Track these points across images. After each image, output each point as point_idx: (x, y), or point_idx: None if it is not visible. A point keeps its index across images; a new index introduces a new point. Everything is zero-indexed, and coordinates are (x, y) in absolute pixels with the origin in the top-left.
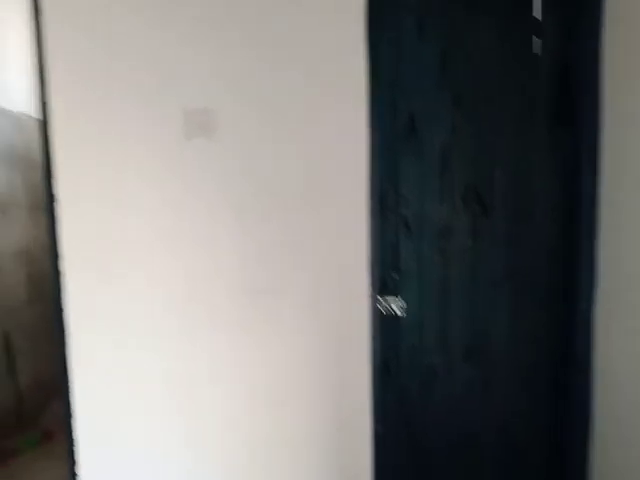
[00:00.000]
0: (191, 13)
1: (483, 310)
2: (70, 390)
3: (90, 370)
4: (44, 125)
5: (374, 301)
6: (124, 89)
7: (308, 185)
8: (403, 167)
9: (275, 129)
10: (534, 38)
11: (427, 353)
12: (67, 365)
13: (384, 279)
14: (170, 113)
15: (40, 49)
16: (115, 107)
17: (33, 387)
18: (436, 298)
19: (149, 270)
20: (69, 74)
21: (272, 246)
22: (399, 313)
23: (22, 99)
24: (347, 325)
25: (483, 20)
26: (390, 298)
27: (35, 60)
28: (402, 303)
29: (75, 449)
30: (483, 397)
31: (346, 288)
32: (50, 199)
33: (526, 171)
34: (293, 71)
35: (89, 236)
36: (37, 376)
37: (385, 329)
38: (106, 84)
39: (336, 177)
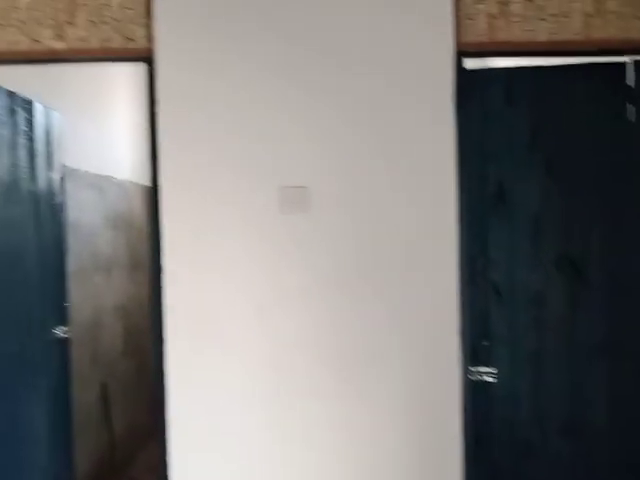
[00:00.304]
0: (295, 96)
1: (581, 382)
2: (166, 447)
3: (186, 433)
4: (154, 193)
5: (465, 370)
6: (229, 162)
7: (400, 254)
8: (493, 233)
9: (369, 204)
10: (627, 105)
11: (521, 426)
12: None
13: (475, 347)
14: (267, 187)
15: (153, 127)
16: (218, 178)
17: (125, 436)
18: (530, 368)
19: (243, 337)
20: (178, 147)
21: (363, 315)
22: (491, 381)
23: (126, 168)
24: (438, 394)
25: (575, 88)
26: (481, 367)
27: (148, 136)
28: (494, 372)
29: None
30: (582, 478)
31: (437, 357)
32: (157, 263)
33: (623, 238)
34: (387, 143)
35: (187, 302)
36: (129, 425)
37: (477, 399)
38: (212, 157)
39: (427, 245)
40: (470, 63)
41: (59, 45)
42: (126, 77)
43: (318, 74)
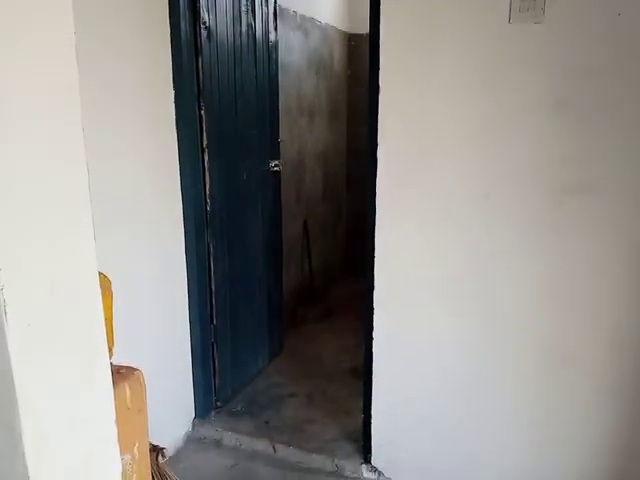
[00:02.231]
0: None
1: None
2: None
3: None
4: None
5: None
6: None
7: None
8: None
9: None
10: None
11: None
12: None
13: None
14: None
15: None
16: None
17: (320, 271)
18: None
19: (454, 166)
20: None
21: (588, 141)
22: None
23: (328, 11)
24: None
25: None
26: None
27: None
28: None
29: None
30: None
31: None
32: (374, 109)
33: None
34: None
35: (401, 128)
36: (324, 262)
37: None
38: None
39: None
40: None
41: None
42: None
43: None
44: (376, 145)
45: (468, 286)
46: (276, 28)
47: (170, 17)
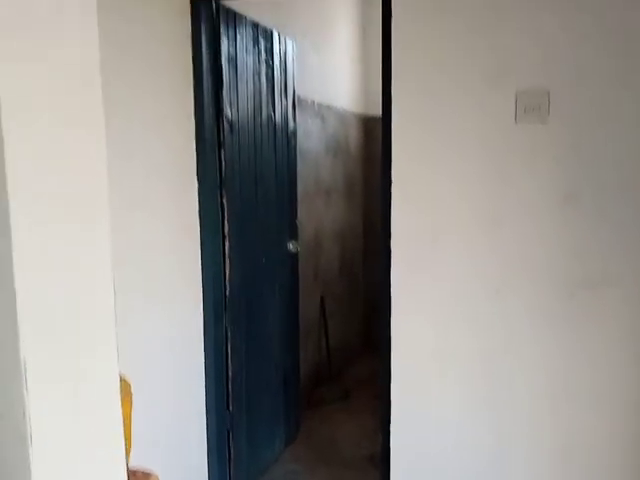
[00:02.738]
0: None
1: None
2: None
3: (407, 342)
4: (386, 122)
5: None
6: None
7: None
8: None
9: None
10: None
11: None
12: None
13: None
14: (504, 95)
15: (388, 63)
16: (449, 97)
17: (337, 348)
18: None
19: (469, 252)
20: (410, 75)
21: (599, 234)
22: None
23: (344, 97)
24: None
25: None
26: None
27: (383, 71)
28: None
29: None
30: None
31: None
32: (387, 184)
33: None
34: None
35: (415, 215)
36: (341, 339)
37: None
38: (443, 73)
39: None
40: None
41: None
42: (346, 12)
43: None
44: (389, 234)
45: (480, 380)
46: (295, 118)
47: (195, 114)
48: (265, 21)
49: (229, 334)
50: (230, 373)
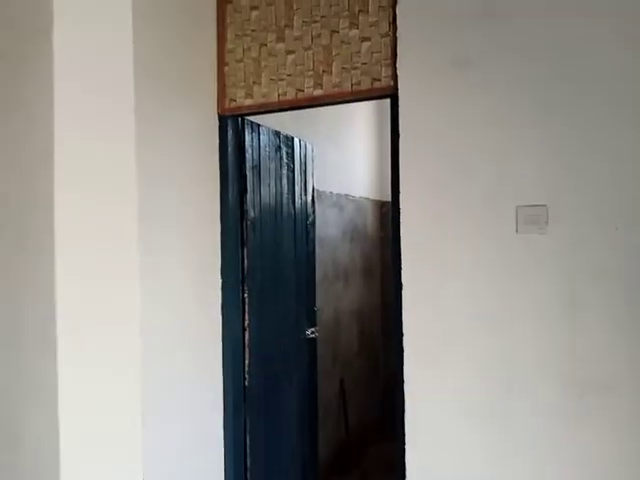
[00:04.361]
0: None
1: None
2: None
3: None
4: (396, 210)
5: None
6: (463, 184)
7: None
8: None
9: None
10: None
11: None
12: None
13: None
14: (504, 207)
15: (396, 150)
16: (454, 198)
17: (357, 430)
18: None
19: (473, 352)
20: (417, 169)
21: (597, 339)
22: None
23: (360, 186)
24: None
25: None
26: None
27: (392, 157)
28: None
29: None
30: None
31: None
32: (398, 266)
33: None
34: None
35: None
36: (360, 420)
37: None
38: (447, 177)
39: None
40: None
41: (318, 92)
42: (361, 109)
43: (551, 94)
44: (402, 335)
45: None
46: (314, 211)
47: (221, 217)
48: (288, 128)
49: (248, 425)
50: (249, 463)
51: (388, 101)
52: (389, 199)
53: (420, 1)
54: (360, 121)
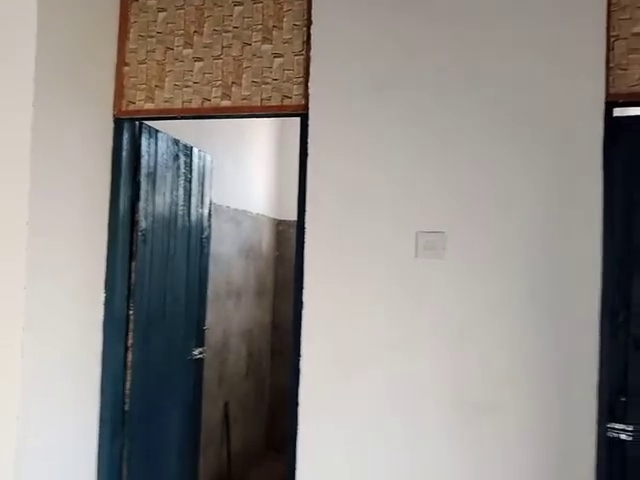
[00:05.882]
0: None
1: None
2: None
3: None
4: (301, 228)
5: (601, 427)
6: (369, 207)
7: (536, 298)
8: (637, 286)
9: (503, 252)
10: None
11: None
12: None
13: (612, 404)
14: (406, 232)
15: (304, 170)
16: (359, 220)
17: (239, 453)
18: None
19: (370, 376)
20: (322, 189)
21: (494, 361)
22: (627, 439)
23: (258, 202)
24: (571, 449)
25: None
26: (618, 425)
27: (299, 177)
28: (630, 430)
29: None
30: None
31: (572, 411)
32: (299, 286)
33: None
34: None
35: (322, 337)
36: (244, 443)
37: (612, 459)
38: (351, 200)
39: (568, 293)
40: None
41: (225, 103)
42: (263, 126)
43: (454, 122)
44: (299, 356)
45: None
46: (210, 225)
47: (109, 226)
48: (187, 137)
49: (125, 453)
50: None
51: (291, 119)
52: (286, 217)
53: (336, 22)
54: (261, 138)
